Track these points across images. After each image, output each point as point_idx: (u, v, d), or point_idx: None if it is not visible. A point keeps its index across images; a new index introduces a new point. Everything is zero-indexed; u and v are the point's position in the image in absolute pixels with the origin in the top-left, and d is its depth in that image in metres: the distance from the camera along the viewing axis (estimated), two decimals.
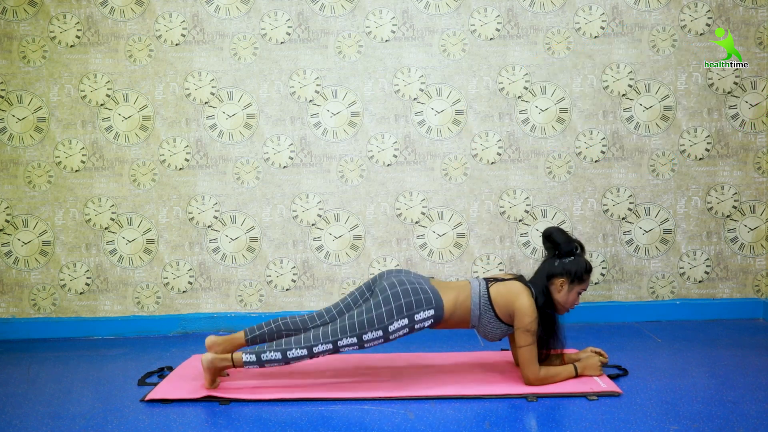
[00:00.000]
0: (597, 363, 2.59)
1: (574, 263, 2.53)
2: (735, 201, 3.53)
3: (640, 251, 3.55)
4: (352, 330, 2.42)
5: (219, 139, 3.50)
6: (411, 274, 2.55)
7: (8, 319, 3.53)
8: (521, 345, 2.47)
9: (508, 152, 3.51)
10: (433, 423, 2.22)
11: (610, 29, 3.47)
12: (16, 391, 2.65)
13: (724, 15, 3.46)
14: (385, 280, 2.53)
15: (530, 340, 2.46)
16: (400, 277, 2.51)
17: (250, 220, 3.52)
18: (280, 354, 2.44)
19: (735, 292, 3.57)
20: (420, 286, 2.48)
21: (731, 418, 2.19)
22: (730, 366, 2.74)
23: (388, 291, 2.46)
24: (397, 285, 2.47)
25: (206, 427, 2.23)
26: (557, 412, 2.28)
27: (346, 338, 2.42)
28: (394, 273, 2.56)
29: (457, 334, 3.27)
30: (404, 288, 2.45)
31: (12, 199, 3.50)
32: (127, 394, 2.57)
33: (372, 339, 2.43)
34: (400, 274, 2.54)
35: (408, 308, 2.42)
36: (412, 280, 2.49)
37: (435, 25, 3.47)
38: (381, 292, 2.47)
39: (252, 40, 3.47)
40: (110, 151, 3.50)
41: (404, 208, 3.52)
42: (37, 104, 3.48)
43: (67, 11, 3.45)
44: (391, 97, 3.49)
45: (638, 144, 3.51)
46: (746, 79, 3.49)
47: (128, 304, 3.54)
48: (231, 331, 3.51)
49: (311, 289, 3.55)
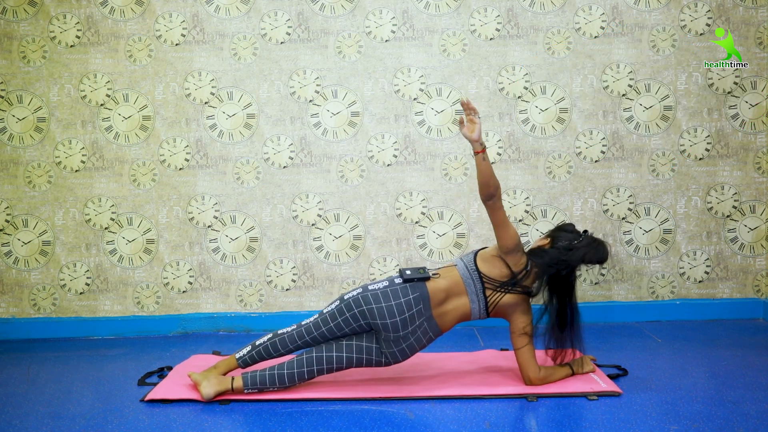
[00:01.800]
0: (588, 359, 2.65)
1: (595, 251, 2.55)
2: (735, 201, 3.53)
3: (640, 251, 3.55)
4: (359, 363, 2.50)
5: (219, 139, 3.50)
6: (416, 323, 2.44)
7: (8, 319, 3.53)
8: (519, 347, 2.49)
9: (508, 152, 3.51)
10: (433, 423, 2.22)
11: (610, 29, 3.47)
12: (16, 391, 2.65)
13: (724, 15, 3.46)
14: (393, 343, 2.44)
15: (527, 340, 2.48)
16: (409, 342, 2.45)
17: (250, 220, 3.52)
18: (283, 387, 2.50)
19: (735, 292, 3.57)
20: (427, 337, 2.49)
21: (731, 418, 2.19)
22: (730, 366, 2.74)
23: (394, 348, 2.45)
24: (408, 352, 2.48)
25: (206, 427, 2.23)
26: (557, 412, 2.28)
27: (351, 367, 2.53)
28: (402, 333, 2.43)
29: (457, 335, 3.27)
30: (411, 345, 2.47)
31: (12, 199, 3.50)
32: (127, 394, 2.57)
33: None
34: (408, 335, 2.43)
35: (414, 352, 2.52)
36: (421, 339, 2.47)
37: (435, 25, 3.47)
38: (388, 345, 2.45)
39: (252, 40, 3.47)
40: (110, 151, 3.50)
41: (404, 208, 3.52)
42: (37, 104, 3.48)
43: (67, 11, 3.45)
44: (391, 97, 3.49)
45: (638, 144, 3.51)
46: (746, 79, 3.49)
47: (128, 304, 3.54)
48: (231, 331, 3.52)
49: (311, 289, 3.55)
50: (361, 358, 2.47)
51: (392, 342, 2.44)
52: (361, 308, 2.45)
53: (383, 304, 2.42)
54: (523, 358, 2.48)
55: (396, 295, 2.45)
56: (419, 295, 2.45)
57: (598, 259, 2.52)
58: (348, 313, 2.47)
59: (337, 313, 2.49)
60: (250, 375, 2.49)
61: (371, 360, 2.48)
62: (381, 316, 2.42)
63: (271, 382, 2.47)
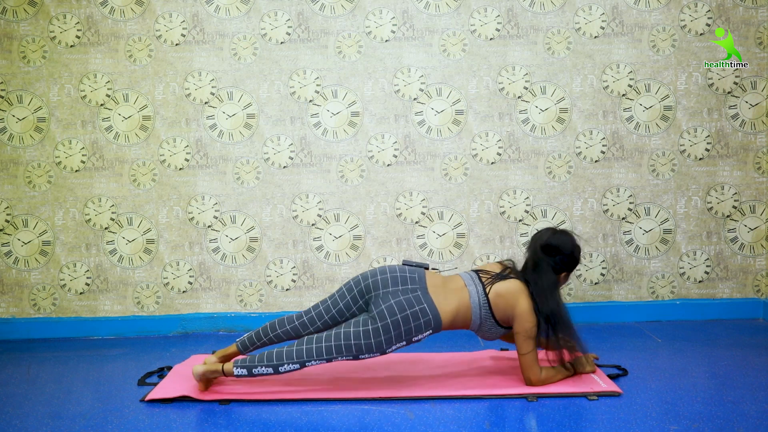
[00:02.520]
0: (589, 359, 2.64)
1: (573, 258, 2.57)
2: (735, 201, 3.53)
3: (640, 251, 3.55)
4: (349, 351, 2.41)
5: (219, 139, 3.50)
6: (408, 286, 2.46)
7: (8, 319, 3.53)
8: (523, 352, 2.46)
9: (508, 152, 3.51)
10: (433, 423, 2.22)
11: (610, 29, 3.47)
12: (16, 391, 2.65)
13: (724, 15, 3.46)
14: (382, 299, 2.43)
15: (532, 346, 2.46)
16: (398, 299, 2.42)
17: (250, 220, 3.52)
18: (272, 369, 2.44)
19: (735, 292, 3.57)
20: (420, 307, 2.41)
21: (731, 418, 2.19)
22: (730, 366, 2.74)
23: (387, 319, 2.39)
24: (397, 312, 2.39)
25: (206, 427, 2.23)
26: (557, 412, 2.28)
27: (341, 357, 2.43)
28: (391, 289, 2.45)
29: (457, 334, 3.27)
30: (405, 315, 2.40)
31: (12, 199, 3.50)
32: (127, 394, 2.57)
33: (369, 357, 2.45)
34: (398, 291, 2.44)
35: (407, 333, 2.42)
36: (412, 302, 2.41)
37: (435, 25, 3.47)
38: (380, 318, 2.40)
39: (252, 40, 3.47)
40: (110, 151, 3.50)
41: (404, 208, 3.52)
42: (37, 104, 3.48)
43: (67, 11, 3.45)
44: (391, 97, 3.49)
45: (638, 144, 3.51)
46: (746, 79, 3.49)
47: (128, 304, 3.54)
48: (231, 331, 3.52)
49: (311, 289, 3.55)
50: (350, 345, 2.40)
51: (381, 299, 2.43)
52: (366, 281, 2.51)
53: (378, 276, 2.50)
54: (527, 361, 2.46)
55: (393, 268, 2.53)
56: (416, 274, 2.52)
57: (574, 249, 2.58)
58: (350, 295, 2.54)
59: (339, 297, 2.56)
60: (240, 358, 2.51)
61: (361, 345, 2.39)
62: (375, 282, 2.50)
63: (260, 360, 2.44)
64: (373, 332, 2.40)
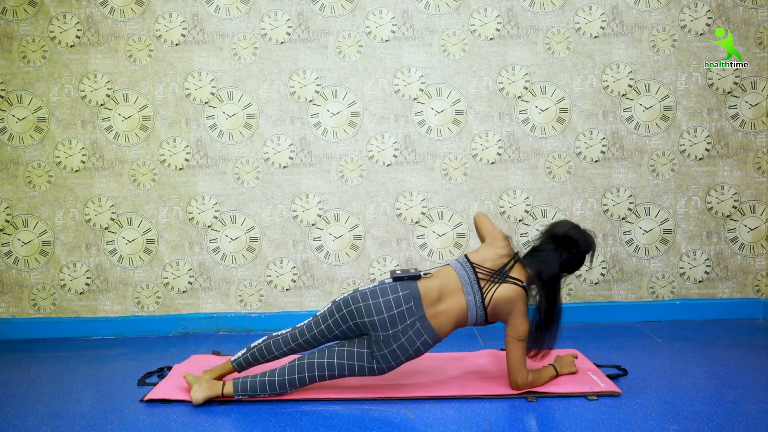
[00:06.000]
0: (571, 360, 2.65)
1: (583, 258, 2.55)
2: (735, 201, 3.53)
3: (640, 251, 3.55)
4: (351, 371, 2.43)
5: (219, 139, 3.50)
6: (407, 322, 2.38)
7: (8, 319, 3.53)
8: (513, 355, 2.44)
9: (508, 152, 3.51)
10: (433, 423, 2.22)
11: (610, 29, 3.47)
12: (16, 391, 2.65)
13: (724, 15, 3.46)
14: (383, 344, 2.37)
15: (522, 349, 2.45)
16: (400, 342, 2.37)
17: (250, 220, 3.52)
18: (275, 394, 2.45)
19: (735, 292, 3.57)
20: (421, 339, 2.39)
21: (731, 418, 2.19)
22: (730, 366, 2.74)
23: (392, 362, 2.40)
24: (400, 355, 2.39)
25: (206, 427, 2.23)
26: (557, 412, 2.29)
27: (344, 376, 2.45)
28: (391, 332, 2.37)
29: (457, 334, 3.26)
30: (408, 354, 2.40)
31: (12, 199, 3.50)
32: (127, 394, 2.57)
33: None
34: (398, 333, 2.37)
35: (409, 359, 2.44)
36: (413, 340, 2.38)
37: (435, 25, 3.47)
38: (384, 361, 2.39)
39: (252, 40, 3.47)
40: (110, 151, 3.50)
41: (404, 208, 3.53)
42: (37, 104, 3.48)
43: (67, 11, 3.45)
44: (391, 97, 3.49)
45: (638, 144, 3.51)
46: (746, 79, 3.49)
47: (128, 304, 3.54)
48: (231, 331, 3.52)
49: (311, 289, 3.55)
50: (353, 365, 2.40)
51: (383, 343, 2.38)
52: (349, 308, 2.42)
53: (371, 301, 2.39)
54: (515, 363, 2.44)
55: (384, 292, 2.42)
56: (409, 292, 2.41)
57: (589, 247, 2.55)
58: (338, 314, 2.45)
59: (328, 314, 2.48)
60: (241, 381, 2.45)
61: (363, 367, 2.41)
62: (369, 313, 2.38)
63: (262, 389, 2.43)
64: (378, 370, 2.43)
